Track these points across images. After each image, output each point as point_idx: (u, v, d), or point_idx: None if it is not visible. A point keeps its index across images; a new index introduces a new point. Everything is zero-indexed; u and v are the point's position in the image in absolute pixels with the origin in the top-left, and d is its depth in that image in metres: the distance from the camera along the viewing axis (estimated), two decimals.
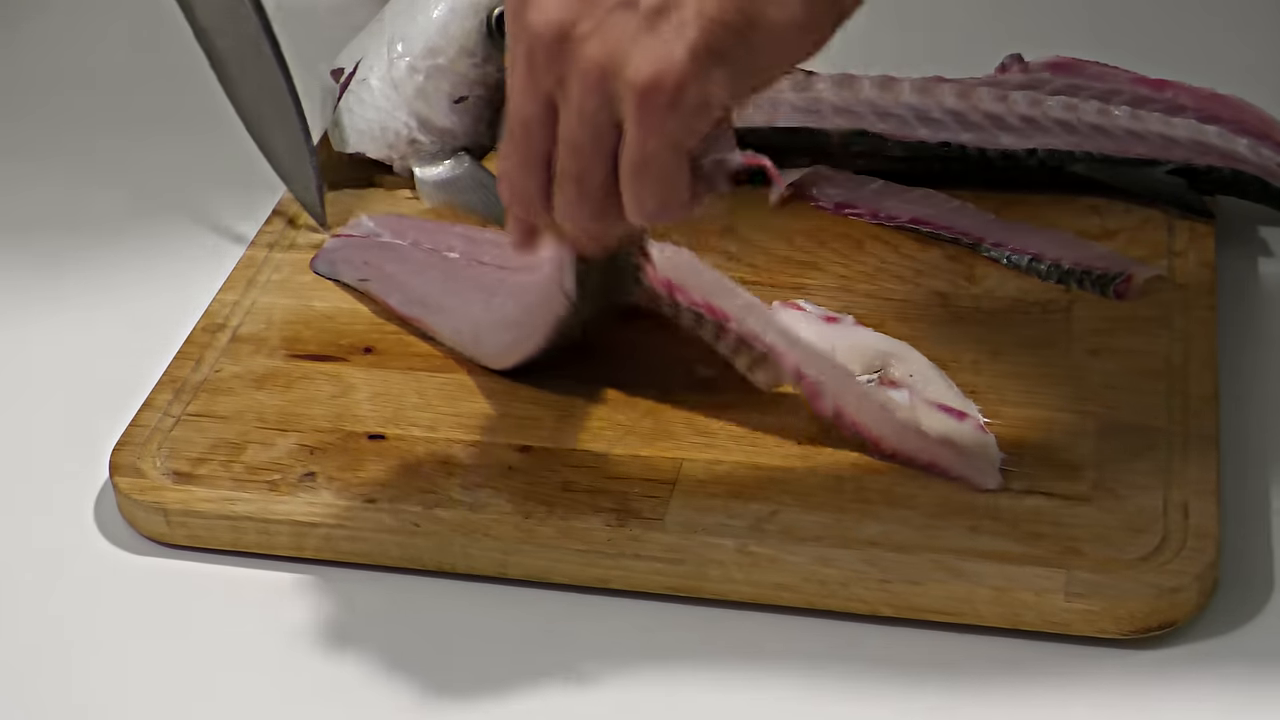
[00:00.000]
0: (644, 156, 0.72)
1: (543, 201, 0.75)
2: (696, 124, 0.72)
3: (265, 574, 0.83)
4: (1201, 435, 0.84)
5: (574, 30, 0.71)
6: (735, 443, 0.86)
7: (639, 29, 0.71)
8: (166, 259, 1.03)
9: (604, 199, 0.74)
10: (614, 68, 0.71)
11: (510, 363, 0.89)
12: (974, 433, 0.84)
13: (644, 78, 0.70)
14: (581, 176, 0.74)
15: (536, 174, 0.75)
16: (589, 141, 0.73)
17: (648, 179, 0.73)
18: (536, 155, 0.75)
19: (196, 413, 0.89)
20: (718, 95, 0.71)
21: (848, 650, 0.79)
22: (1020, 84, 1.03)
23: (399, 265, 0.96)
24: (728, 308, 0.86)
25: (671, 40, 0.70)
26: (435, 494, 0.84)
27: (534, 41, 0.72)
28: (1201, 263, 0.95)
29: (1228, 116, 1.01)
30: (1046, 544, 0.80)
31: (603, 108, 0.72)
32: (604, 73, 0.71)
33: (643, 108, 0.71)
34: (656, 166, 0.72)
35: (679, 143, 0.72)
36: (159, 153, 1.12)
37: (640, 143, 0.72)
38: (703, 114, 0.72)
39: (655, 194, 0.73)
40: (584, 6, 0.71)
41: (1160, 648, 0.78)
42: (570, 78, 0.72)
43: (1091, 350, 0.90)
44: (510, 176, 0.76)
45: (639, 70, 0.70)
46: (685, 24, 0.70)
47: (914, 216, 0.99)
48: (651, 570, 0.81)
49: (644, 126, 0.71)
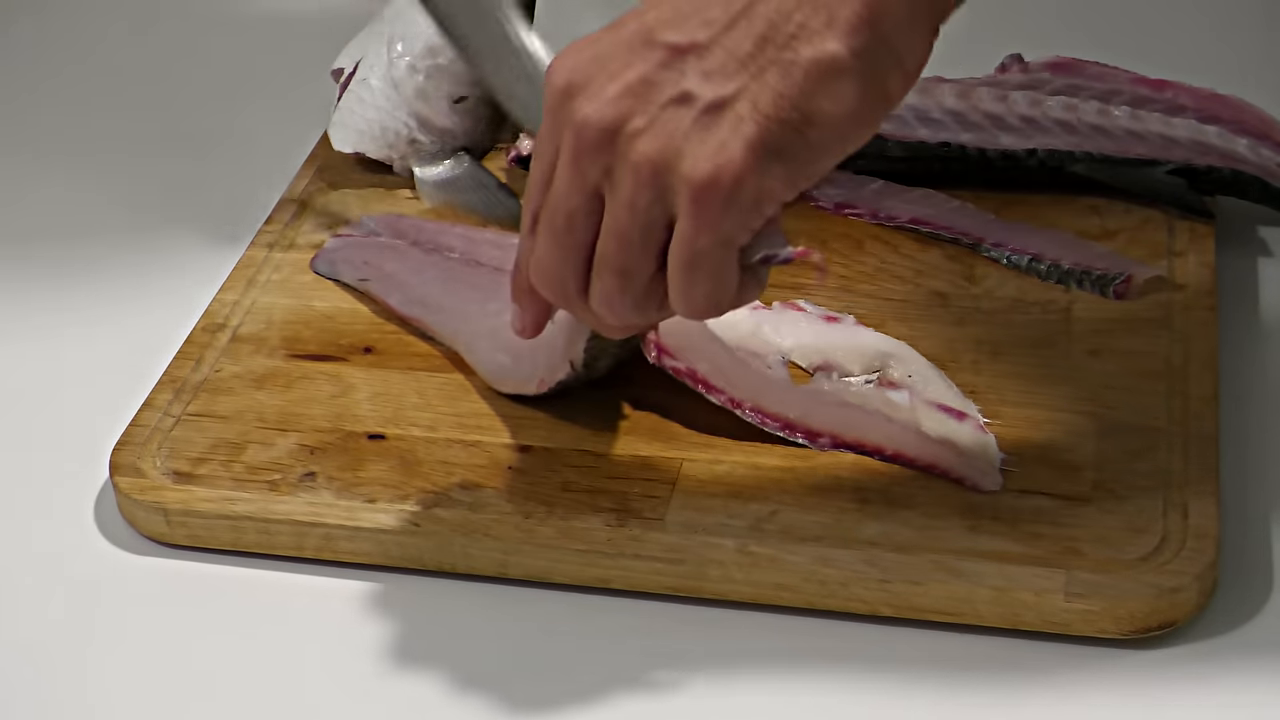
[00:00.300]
0: (695, 252, 0.72)
1: (580, 291, 0.75)
2: (751, 220, 0.72)
3: (265, 574, 0.83)
4: (1201, 435, 0.84)
5: (627, 125, 0.71)
6: (735, 443, 0.86)
7: (694, 125, 0.70)
8: (166, 259, 1.03)
9: (647, 292, 0.74)
10: (668, 163, 0.71)
11: (501, 389, 0.89)
12: (974, 433, 0.84)
13: (701, 174, 0.70)
14: (627, 270, 0.73)
15: (577, 264, 0.74)
16: (639, 236, 0.72)
17: (699, 275, 0.72)
18: (579, 246, 0.74)
19: (196, 413, 0.89)
20: (774, 191, 0.71)
21: (848, 650, 0.79)
22: (1020, 84, 1.03)
23: (399, 265, 0.96)
24: (719, 383, 0.86)
25: (728, 137, 0.70)
26: (435, 494, 0.84)
27: (582, 131, 0.72)
28: (1201, 263, 0.95)
29: (1228, 116, 1.01)
30: (1046, 544, 0.80)
31: (655, 203, 0.72)
32: (657, 168, 0.71)
33: (698, 204, 0.71)
34: (708, 263, 0.72)
35: (732, 239, 0.72)
36: (159, 152, 1.12)
37: (692, 239, 0.71)
38: (758, 210, 0.72)
39: (705, 289, 0.73)
40: (638, 101, 0.71)
41: (1160, 648, 0.78)
42: (621, 171, 0.72)
43: (1091, 350, 0.90)
44: (546, 264, 0.75)
45: (695, 167, 0.70)
46: (742, 120, 0.70)
47: (914, 216, 0.99)
48: (651, 570, 0.81)
49: (698, 223, 0.71)
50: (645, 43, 0.72)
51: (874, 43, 0.70)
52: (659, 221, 0.72)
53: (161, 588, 0.83)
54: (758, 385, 0.86)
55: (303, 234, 1.01)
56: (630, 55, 0.72)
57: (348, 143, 1.05)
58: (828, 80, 0.70)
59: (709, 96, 0.70)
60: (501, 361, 0.89)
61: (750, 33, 0.70)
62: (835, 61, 0.70)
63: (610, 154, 0.72)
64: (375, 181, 1.05)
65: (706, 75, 0.71)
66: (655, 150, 0.71)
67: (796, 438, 0.85)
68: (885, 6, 0.70)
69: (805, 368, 0.90)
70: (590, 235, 0.74)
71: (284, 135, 1.10)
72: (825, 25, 0.70)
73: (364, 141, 1.04)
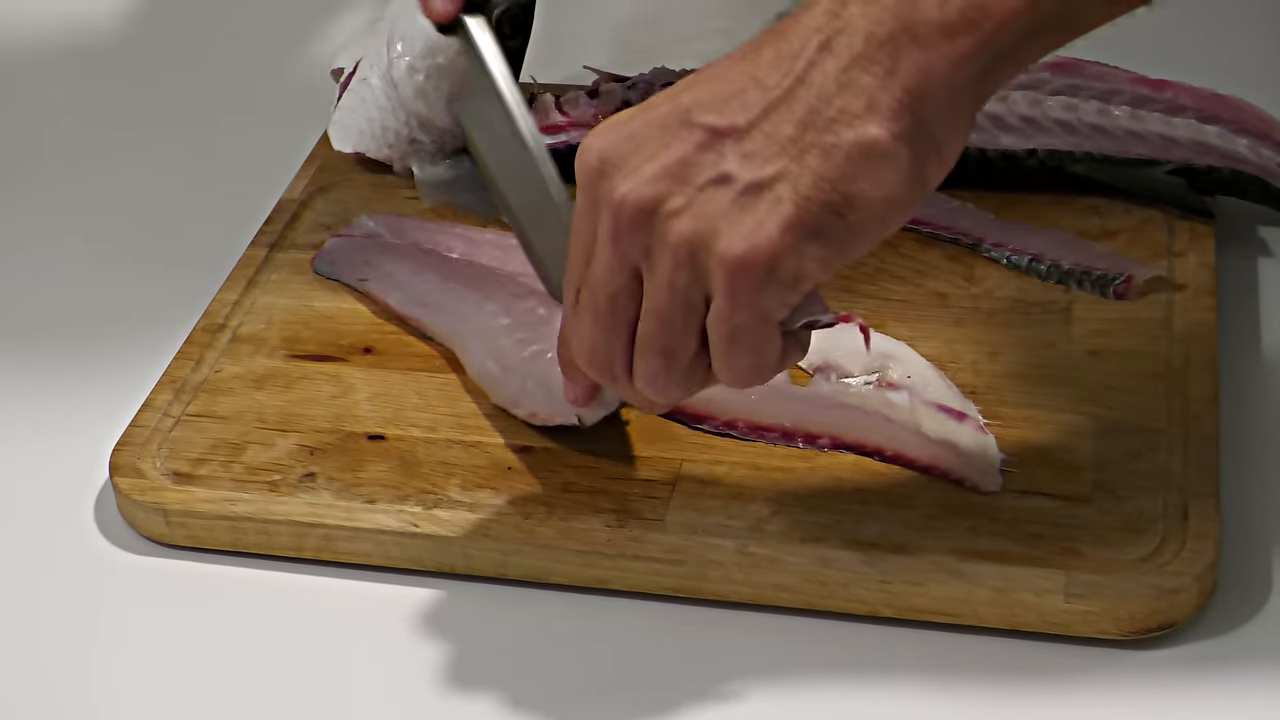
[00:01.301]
0: (734, 328, 0.72)
1: (625, 370, 0.75)
2: (788, 298, 0.72)
3: (265, 574, 0.83)
4: (1201, 436, 0.84)
5: (665, 204, 0.71)
6: (735, 443, 0.86)
7: (732, 206, 0.71)
8: (166, 258, 1.03)
9: (691, 368, 0.74)
10: (705, 243, 0.71)
11: (490, 396, 0.89)
12: (974, 434, 0.84)
13: (736, 253, 0.70)
14: (670, 349, 0.74)
15: (622, 344, 0.75)
16: (679, 316, 0.73)
17: (739, 349, 0.73)
18: (623, 325, 0.74)
19: (196, 413, 0.89)
20: (810, 271, 0.71)
21: (847, 651, 0.79)
22: (1020, 84, 1.03)
23: (399, 265, 0.96)
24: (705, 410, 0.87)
25: (765, 217, 0.70)
26: (435, 494, 0.84)
27: (620, 210, 0.72)
28: (1201, 263, 0.95)
29: (1228, 116, 1.01)
30: (1046, 545, 0.80)
31: (694, 283, 0.72)
32: (694, 248, 0.71)
33: (732, 282, 0.71)
34: (748, 338, 0.72)
35: (769, 315, 0.72)
36: (158, 152, 1.12)
37: (729, 316, 0.72)
38: (794, 289, 0.72)
39: (747, 362, 0.73)
40: (676, 182, 0.71)
41: (1160, 648, 0.78)
42: (659, 251, 0.72)
43: (1091, 350, 0.90)
44: (590, 345, 0.75)
45: (731, 246, 0.70)
46: (781, 201, 0.70)
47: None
48: (651, 571, 0.81)
49: (733, 301, 0.71)
50: (683, 124, 0.72)
51: (914, 129, 0.70)
52: (699, 300, 0.72)
53: (161, 588, 0.83)
54: (749, 400, 0.86)
55: (303, 234, 1.01)
56: (667, 136, 0.72)
57: (348, 143, 1.04)
58: (869, 163, 0.70)
59: (748, 178, 0.70)
60: (490, 369, 0.89)
61: (791, 117, 0.70)
62: (876, 145, 0.70)
63: (649, 234, 0.72)
64: (375, 181, 1.05)
65: (746, 157, 0.71)
66: (692, 230, 0.71)
67: (796, 443, 0.85)
68: (926, 93, 0.70)
69: (805, 368, 0.89)
70: (633, 315, 0.74)
71: (284, 135, 1.10)
72: (866, 110, 0.70)
73: (364, 141, 1.04)
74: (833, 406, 0.86)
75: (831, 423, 0.85)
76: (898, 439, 0.84)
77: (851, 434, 0.85)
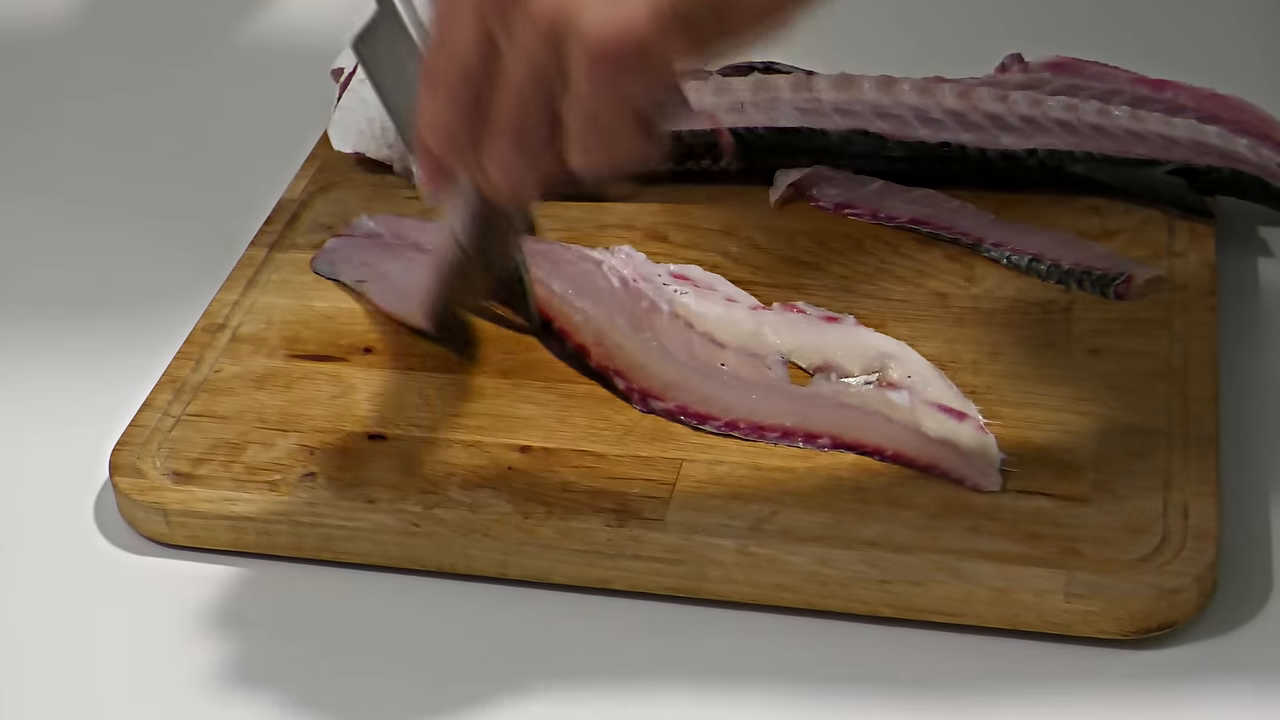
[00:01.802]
0: (591, 115, 0.69)
1: (473, 146, 0.72)
2: (651, 88, 0.69)
3: (265, 574, 0.83)
4: (1201, 436, 0.84)
5: None
6: (735, 443, 0.86)
7: None
8: (166, 258, 1.03)
9: (543, 148, 0.71)
10: (568, 17, 0.67)
11: (421, 317, 0.89)
12: (974, 434, 0.84)
13: (600, 34, 0.67)
14: (523, 127, 0.70)
15: (471, 118, 0.71)
16: (535, 93, 0.69)
17: (596, 135, 0.70)
18: (474, 99, 0.71)
19: (196, 413, 0.89)
20: (677, 64, 0.68)
21: (848, 650, 0.79)
22: (1020, 84, 1.03)
23: (399, 265, 0.96)
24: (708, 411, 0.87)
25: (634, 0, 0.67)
26: (435, 494, 0.84)
27: None
28: (1201, 263, 0.95)
29: (1228, 116, 1.01)
30: (1046, 545, 0.80)
31: (554, 60, 0.68)
32: (556, 21, 0.68)
33: (596, 67, 0.67)
34: (606, 124, 0.69)
35: (630, 105, 0.69)
36: (159, 152, 1.12)
37: (589, 100, 0.69)
38: (658, 79, 0.69)
39: (603, 149, 0.70)
40: None
41: (1160, 648, 0.78)
42: (518, 23, 0.68)
43: (1091, 350, 0.90)
44: (438, 118, 0.72)
45: (596, 27, 0.67)
46: None
47: (914, 216, 0.99)
48: (651, 570, 0.81)
49: (595, 85, 0.68)
50: None
51: None
52: (557, 78, 0.69)
53: (161, 588, 0.83)
54: (749, 400, 0.86)
55: (303, 234, 1.01)
56: None
57: (348, 143, 1.05)
58: None
59: None
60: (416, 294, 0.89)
61: None
62: None
63: (509, 3, 0.69)
64: (375, 181, 1.04)
65: None
66: (555, 3, 0.67)
67: (797, 442, 0.85)
68: None
69: (805, 368, 0.90)
70: (487, 93, 0.71)
71: (284, 135, 1.10)
72: None
73: (364, 141, 1.04)
74: (833, 406, 0.86)
75: (831, 423, 0.85)
76: (898, 439, 0.84)
77: (851, 434, 0.85)
